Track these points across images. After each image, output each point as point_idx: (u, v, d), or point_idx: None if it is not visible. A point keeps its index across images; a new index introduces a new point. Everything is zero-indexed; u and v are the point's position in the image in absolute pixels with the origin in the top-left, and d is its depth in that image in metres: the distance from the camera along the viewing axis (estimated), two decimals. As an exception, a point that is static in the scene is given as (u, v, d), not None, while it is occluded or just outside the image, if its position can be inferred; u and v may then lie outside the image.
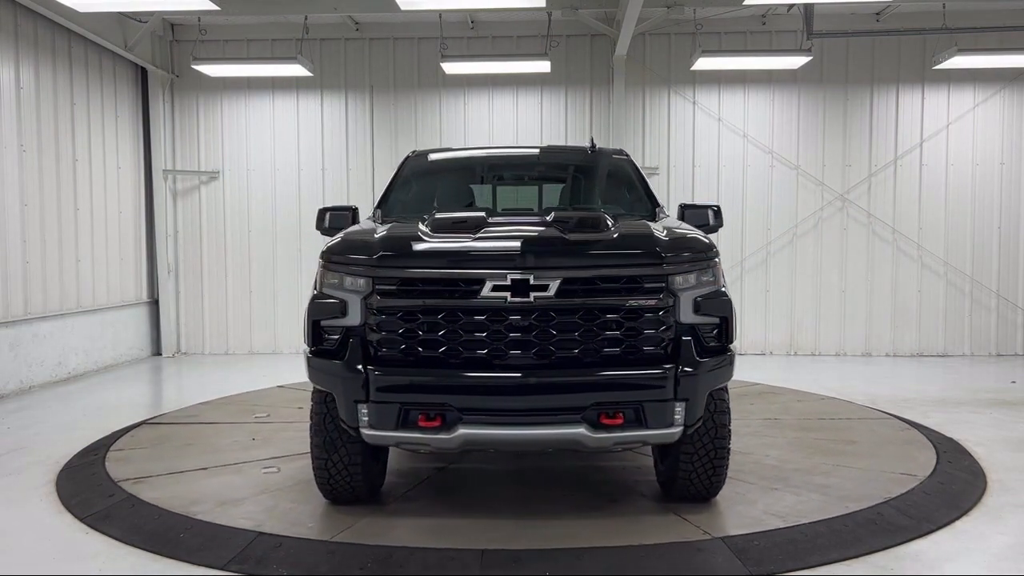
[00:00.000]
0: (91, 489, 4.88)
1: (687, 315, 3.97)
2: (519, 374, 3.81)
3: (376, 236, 4.24)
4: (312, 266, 11.55)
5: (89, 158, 9.55)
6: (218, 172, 10.97)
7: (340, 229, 5.10)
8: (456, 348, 3.87)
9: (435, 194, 5.79)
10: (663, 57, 10.67)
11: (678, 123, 10.74)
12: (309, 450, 4.37)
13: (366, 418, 3.87)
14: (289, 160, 10.94)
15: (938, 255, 10.61)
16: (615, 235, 4.14)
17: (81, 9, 8.11)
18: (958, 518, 4.34)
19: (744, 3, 8.59)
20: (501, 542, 3.97)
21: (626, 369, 3.87)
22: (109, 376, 9.28)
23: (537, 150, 6.68)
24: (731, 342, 4.09)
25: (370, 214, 5.41)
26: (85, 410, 7.36)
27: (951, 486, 4.86)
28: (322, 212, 5.26)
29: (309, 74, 10.24)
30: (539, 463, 5.42)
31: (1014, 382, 8.69)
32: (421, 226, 4.31)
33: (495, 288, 3.81)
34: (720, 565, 3.74)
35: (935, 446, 5.74)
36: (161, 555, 3.89)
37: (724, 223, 5.23)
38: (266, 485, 4.90)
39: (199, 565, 3.77)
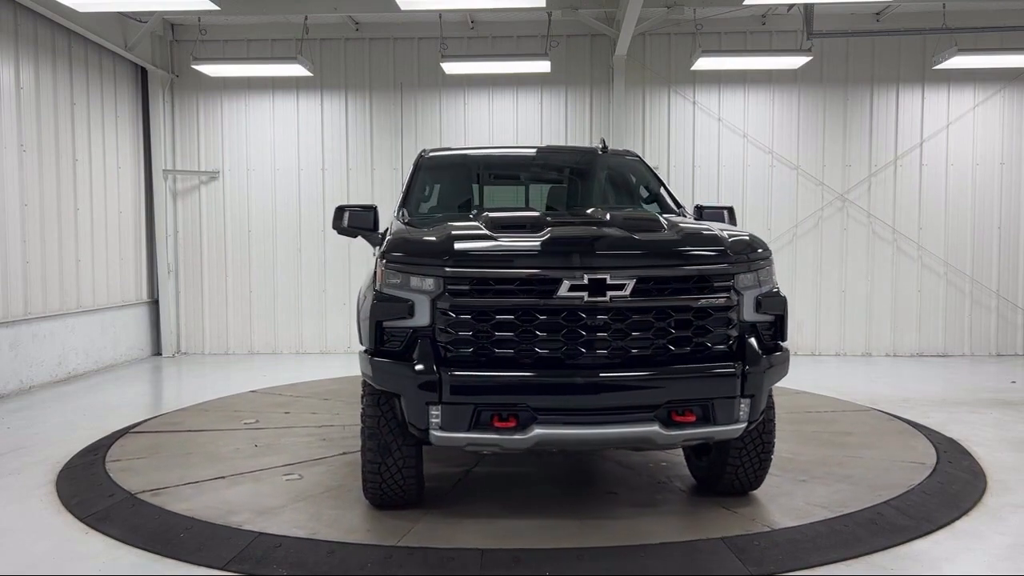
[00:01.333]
0: (91, 489, 4.88)
1: (749, 313, 4.05)
2: (596, 373, 3.81)
3: (443, 235, 4.10)
4: (312, 266, 11.56)
5: (89, 158, 9.56)
6: (218, 172, 10.97)
7: (361, 228, 5.08)
8: (530, 348, 3.84)
9: (461, 193, 5.79)
10: (663, 57, 10.67)
11: (678, 123, 10.74)
12: (361, 453, 4.23)
13: (437, 420, 3.80)
14: (289, 160, 10.94)
15: (938, 255, 10.61)
16: (683, 235, 4.17)
17: (81, 9, 8.11)
18: (958, 518, 4.34)
19: (744, 3, 8.59)
20: (583, 541, 3.99)
21: (697, 367, 3.91)
22: (109, 376, 9.28)
23: (555, 150, 6.67)
24: (784, 339, 4.18)
25: (394, 212, 5.29)
26: (85, 410, 7.35)
27: (951, 486, 4.86)
28: (340, 210, 5.14)
29: (309, 74, 10.24)
30: (566, 462, 5.41)
31: (1014, 382, 8.69)
32: (480, 225, 4.24)
33: (572, 288, 3.80)
34: (720, 565, 3.73)
35: (935, 446, 5.74)
36: (161, 555, 3.89)
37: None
38: (297, 492, 4.75)
39: (199, 565, 3.77)
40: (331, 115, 10.91)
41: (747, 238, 4.25)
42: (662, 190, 5.69)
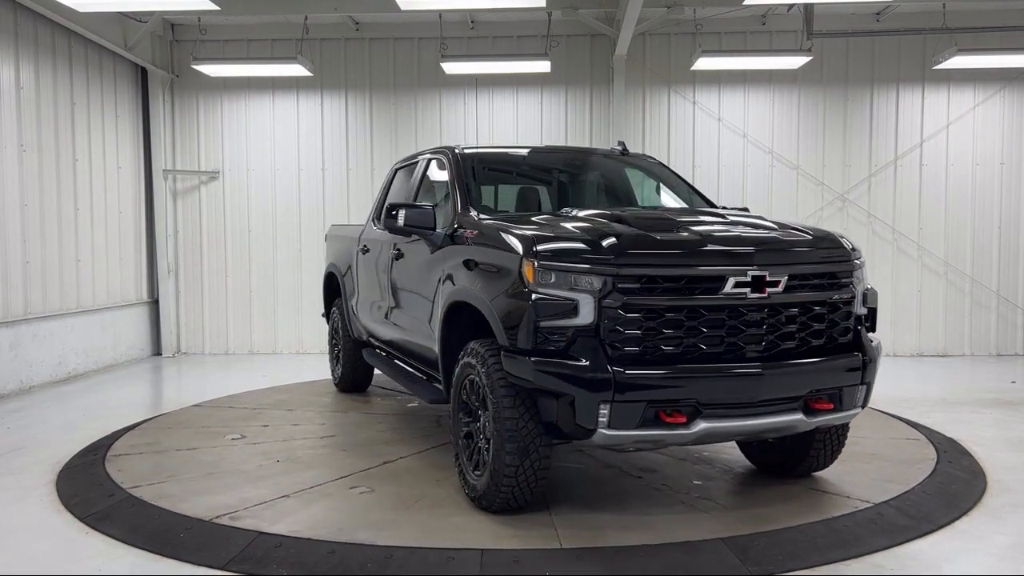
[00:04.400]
0: (91, 489, 4.87)
1: (859, 307, 4.38)
2: (758, 366, 3.95)
3: (600, 234, 4.07)
4: (312, 266, 11.51)
5: (89, 158, 9.55)
6: (218, 172, 10.97)
7: (419, 227, 5.06)
8: (695, 344, 3.93)
9: (505, 191, 5.89)
10: (663, 57, 10.66)
11: (678, 123, 10.73)
12: (496, 456, 4.08)
13: (605, 418, 3.79)
14: (289, 160, 10.94)
15: (938, 255, 10.61)
16: (814, 234, 4.44)
17: (81, 9, 8.10)
18: (958, 518, 4.34)
19: (744, 3, 8.59)
20: (720, 531, 4.11)
21: (832, 357, 4.19)
22: (109, 376, 9.28)
23: (588, 151, 6.86)
24: (875, 330, 4.52)
25: (456, 209, 5.06)
26: (85, 410, 7.35)
27: (951, 486, 4.86)
28: (392, 208, 5.06)
29: (309, 74, 10.24)
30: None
31: (1014, 382, 8.69)
32: (615, 223, 4.27)
33: (736, 284, 3.93)
34: (720, 565, 3.73)
35: (935, 446, 5.74)
36: (161, 555, 3.89)
37: None
38: (390, 505, 4.51)
39: (199, 565, 3.77)
40: (331, 115, 10.91)
41: (850, 239, 4.55)
42: (697, 192, 5.93)
